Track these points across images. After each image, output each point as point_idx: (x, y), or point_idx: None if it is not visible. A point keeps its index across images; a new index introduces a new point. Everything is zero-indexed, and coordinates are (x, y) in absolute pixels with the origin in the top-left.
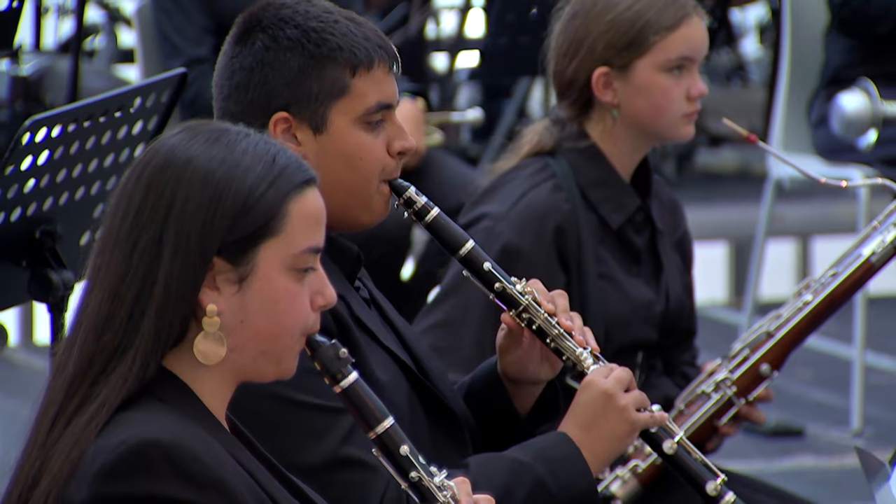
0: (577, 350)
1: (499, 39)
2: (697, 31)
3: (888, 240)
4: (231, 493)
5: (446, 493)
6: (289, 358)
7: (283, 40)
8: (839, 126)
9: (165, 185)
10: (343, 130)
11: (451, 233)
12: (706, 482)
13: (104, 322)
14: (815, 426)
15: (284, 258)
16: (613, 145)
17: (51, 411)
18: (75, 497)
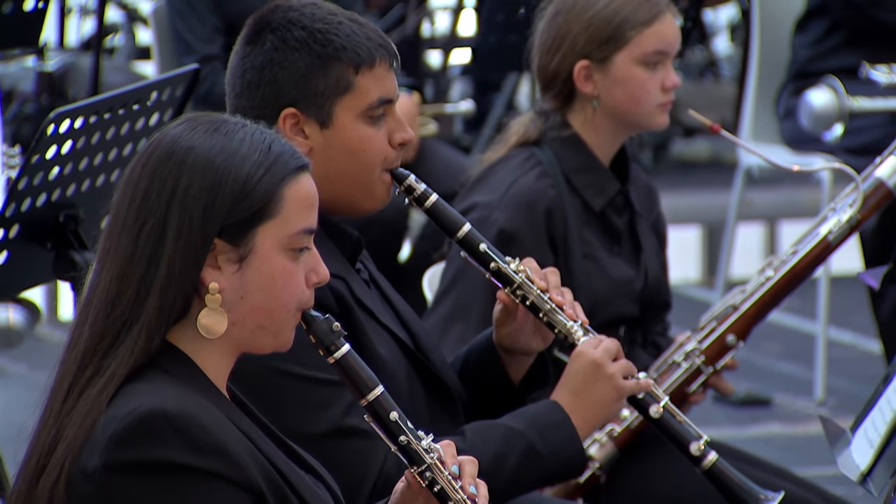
0: (567, 323)
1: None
2: (671, 26)
3: (843, 220)
4: (232, 457)
5: (433, 455)
6: (285, 331)
7: (291, 41)
8: (807, 120)
9: (169, 173)
10: (347, 124)
11: (448, 217)
12: (690, 443)
13: (113, 300)
14: (782, 396)
15: (280, 239)
16: (594, 134)
17: (65, 383)
18: (89, 463)
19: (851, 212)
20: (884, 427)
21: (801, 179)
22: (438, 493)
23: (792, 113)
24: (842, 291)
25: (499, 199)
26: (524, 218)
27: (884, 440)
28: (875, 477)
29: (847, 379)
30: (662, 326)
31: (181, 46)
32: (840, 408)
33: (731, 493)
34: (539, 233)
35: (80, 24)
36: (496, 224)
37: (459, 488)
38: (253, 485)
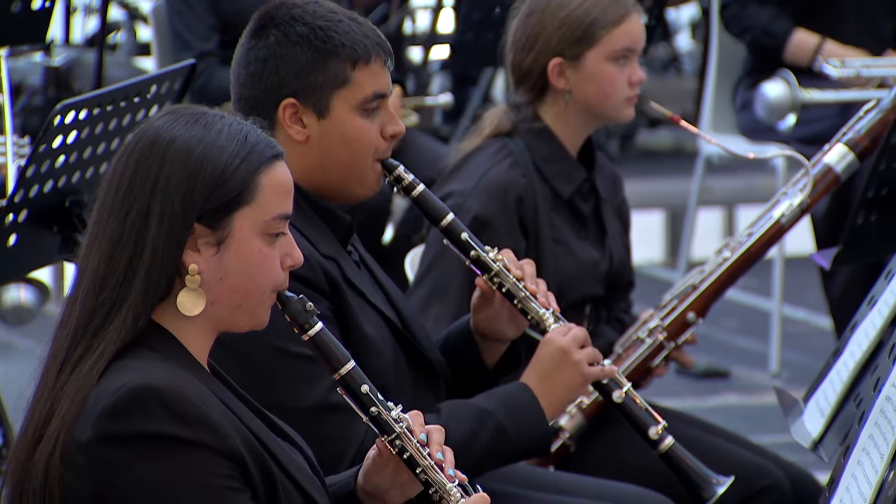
0: (540, 311)
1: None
2: (637, 26)
3: (795, 204)
4: (215, 427)
5: (402, 425)
6: (261, 311)
7: (294, 36)
8: (762, 111)
9: (152, 162)
10: (343, 116)
11: (434, 206)
12: (649, 427)
13: (102, 281)
14: (739, 369)
15: (256, 224)
16: (564, 126)
17: (58, 359)
18: (81, 436)
19: (802, 196)
20: (834, 397)
21: (757, 167)
22: (408, 460)
23: (748, 105)
24: (795, 271)
25: (473, 187)
26: (497, 205)
27: (834, 410)
28: (826, 444)
29: (800, 353)
30: (626, 304)
31: (179, 43)
32: (793, 380)
33: (685, 476)
34: (511, 218)
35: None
36: (471, 211)
37: (427, 455)
38: (235, 453)
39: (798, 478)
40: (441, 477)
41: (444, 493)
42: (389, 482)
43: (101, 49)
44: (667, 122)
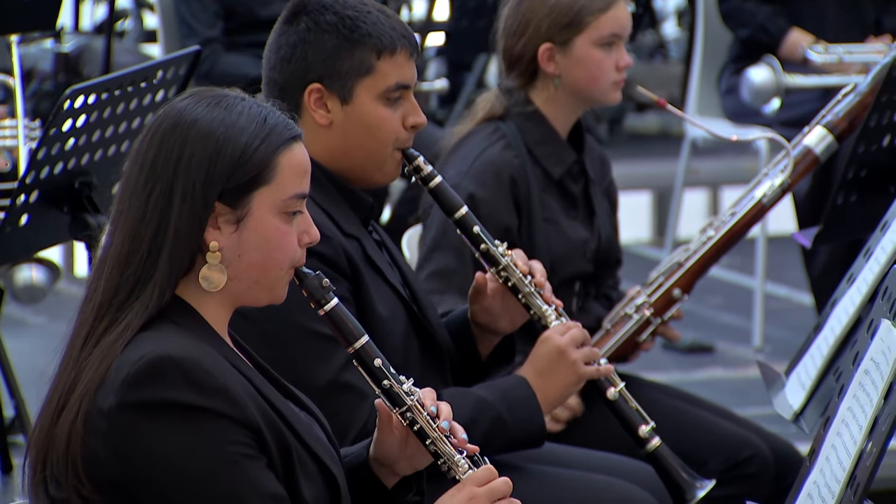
0: (543, 307)
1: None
2: (624, 12)
3: (776, 184)
4: (233, 397)
5: (413, 398)
6: (279, 286)
7: (323, 24)
8: (748, 95)
9: (175, 143)
10: (366, 104)
11: (449, 198)
12: (639, 426)
13: (126, 258)
14: (724, 344)
15: (275, 202)
16: (554, 109)
17: (83, 332)
18: (104, 403)
19: (783, 177)
20: (815, 371)
21: (740, 149)
22: (418, 432)
23: (733, 90)
24: (777, 250)
25: (468, 169)
26: (491, 184)
27: (815, 383)
28: (807, 416)
29: (782, 328)
30: (614, 281)
31: (185, 30)
32: (775, 354)
33: (669, 477)
34: (505, 198)
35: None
36: (467, 190)
37: (437, 427)
38: (251, 422)
39: (780, 448)
40: (449, 448)
41: (453, 465)
42: (398, 452)
43: (110, 36)
44: (654, 106)
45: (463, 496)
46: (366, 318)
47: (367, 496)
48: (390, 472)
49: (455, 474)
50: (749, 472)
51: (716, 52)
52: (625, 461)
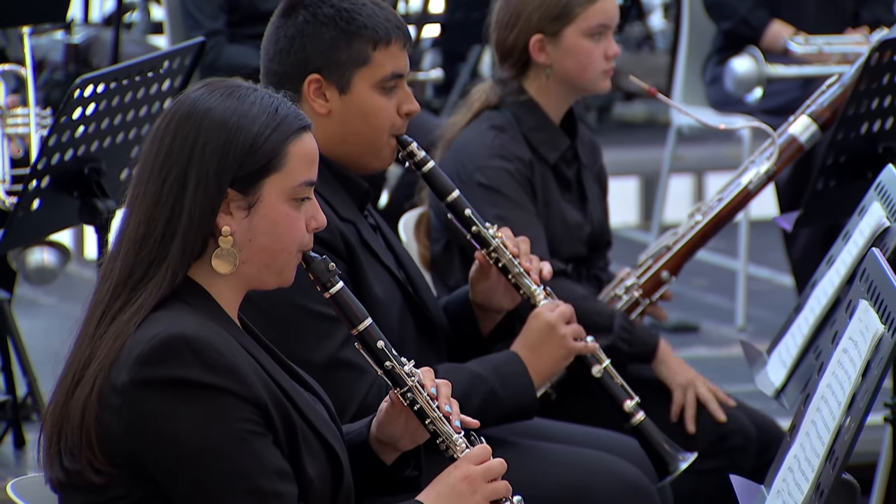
0: (531, 287)
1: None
2: (611, 3)
3: (762, 171)
4: (241, 376)
5: (414, 379)
6: (288, 270)
7: (321, 16)
8: (731, 84)
9: (189, 131)
10: (363, 93)
11: (442, 182)
12: (624, 401)
13: (141, 240)
14: (708, 323)
15: (284, 189)
16: (547, 98)
17: (98, 311)
18: (117, 379)
19: (769, 164)
20: (795, 350)
21: (724, 137)
22: (418, 411)
23: (717, 79)
24: (759, 233)
25: (487, 156)
26: (512, 168)
27: (795, 361)
28: (787, 393)
29: (764, 309)
30: (604, 262)
31: (190, 22)
32: (758, 333)
33: (652, 450)
34: (522, 182)
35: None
36: (482, 179)
37: (436, 407)
38: (259, 400)
39: (762, 424)
40: (448, 428)
41: (450, 443)
42: (402, 431)
43: (118, 27)
44: (641, 95)
45: (459, 474)
46: (363, 298)
47: (367, 472)
48: (391, 449)
49: (453, 453)
50: (732, 447)
51: (700, 43)
52: (612, 436)
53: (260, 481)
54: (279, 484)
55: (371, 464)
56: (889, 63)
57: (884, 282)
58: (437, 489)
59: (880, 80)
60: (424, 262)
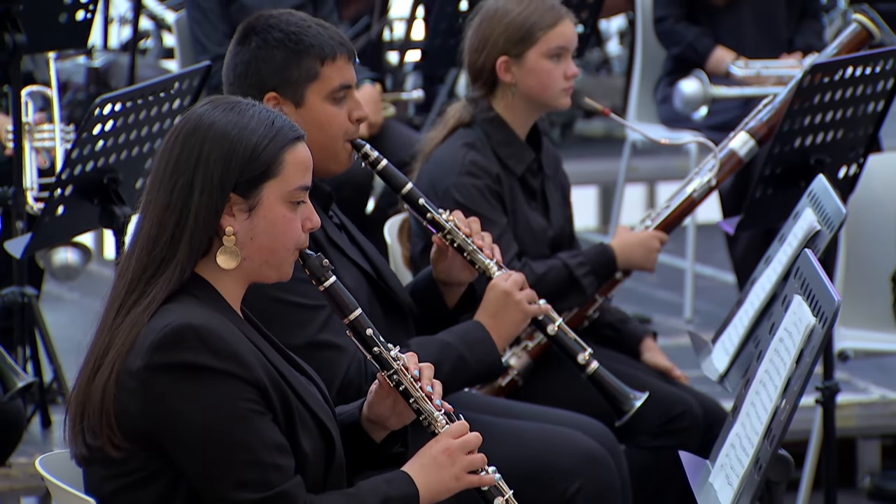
0: (486, 261)
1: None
2: (569, 28)
3: (705, 181)
4: (244, 361)
5: (399, 362)
6: (286, 266)
7: (271, 41)
8: (680, 104)
9: (195, 142)
10: (316, 105)
11: (396, 177)
12: (578, 354)
13: (153, 241)
14: (659, 316)
15: (282, 193)
16: (513, 114)
17: (115, 304)
18: (133, 364)
19: (711, 175)
20: (737, 339)
21: (673, 150)
22: (403, 392)
23: (667, 99)
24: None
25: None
26: (481, 182)
27: (737, 349)
28: (730, 378)
29: (709, 303)
30: None
31: (198, 48)
32: (704, 325)
33: (608, 394)
34: (492, 191)
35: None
36: (457, 192)
37: (419, 387)
38: (259, 382)
39: (708, 405)
40: (430, 406)
41: (432, 420)
42: (389, 411)
43: (134, 53)
44: (600, 114)
45: (440, 446)
46: None
47: (358, 449)
48: (380, 428)
49: (434, 428)
50: (681, 426)
51: (652, 67)
52: (575, 416)
53: (261, 455)
54: (278, 457)
55: (362, 441)
56: (819, 84)
57: (815, 279)
58: (420, 461)
59: (812, 100)
60: (406, 262)
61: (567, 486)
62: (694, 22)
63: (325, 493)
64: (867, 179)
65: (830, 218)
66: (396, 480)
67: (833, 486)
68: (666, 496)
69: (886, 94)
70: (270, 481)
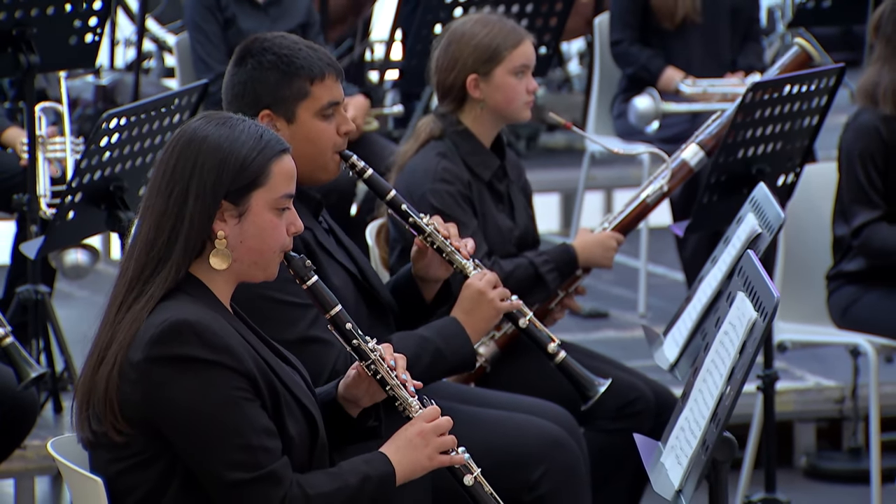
0: (462, 261)
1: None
2: (530, 48)
3: (657, 188)
4: (234, 352)
5: (376, 353)
6: (272, 266)
7: (265, 63)
8: (634, 118)
9: (190, 154)
10: (307, 121)
11: (380, 185)
12: (548, 344)
13: (151, 243)
14: (615, 311)
15: (269, 201)
16: (480, 127)
17: (117, 301)
18: (133, 357)
19: (663, 182)
20: (686, 332)
21: (629, 160)
22: (380, 380)
23: (622, 114)
24: (657, 238)
25: (433, 181)
26: (454, 189)
27: (686, 341)
28: (680, 367)
29: (661, 299)
30: None
31: (201, 66)
32: (656, 319)
33: (575, 381)
34: (464, 196)
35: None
36: (433, 198)
37: (395, 376)
38: (249, 372)
39: (660, 392)
40: (404, 393)
41: (406, 405)
42: (363, 393)
43: (137, 72)
44: (562, 127)
45: (414, 430)
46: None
47: (336, 424)
48: (354, 405)
49: (409, 413)
50: (636, 411)
51: (609, 85)
52: (540, 402)
53: (250, 438)
54: (266, 440)
55: (339, 417)
56: (761, 101)
57: (757, 278)
58: (396, 443)
59: (754, 115)
60: (384, 263)
61: (533, 471)
62: (646, 44)
63: (310, 472)
64: (803, 187)
65: (770, 222)
66: (375, 461)
67: (772, 465)
68: (622, 475)
69: (821, 109)
70: (260, 462)
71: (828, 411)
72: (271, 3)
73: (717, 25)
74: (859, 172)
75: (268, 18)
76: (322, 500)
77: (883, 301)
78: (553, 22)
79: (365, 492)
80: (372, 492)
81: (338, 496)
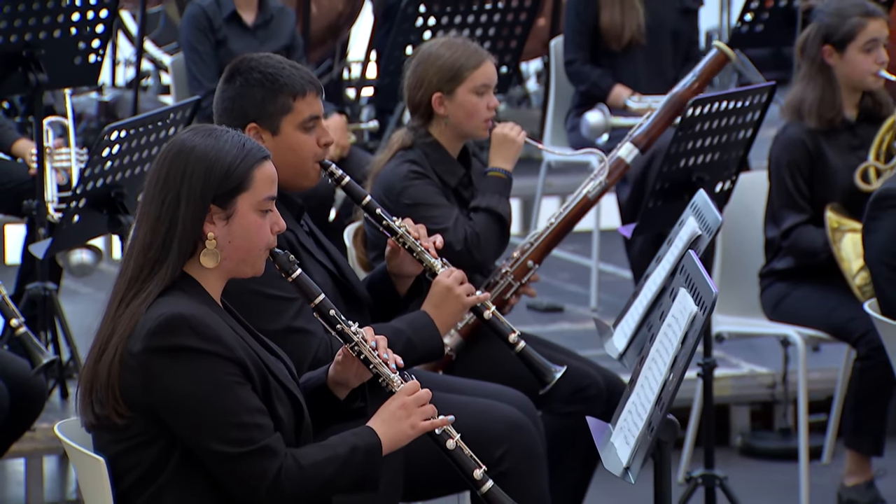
0: (431, 260)
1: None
2: (491, 68)
3: (597, 183)
4: (226, 342)
5: (358, 335)
6: (259, 263)
7: (252, 80)
8: (586, 131)
9: (179, 163)
10: (290, 133)
11: (356, 191)
12: (509, 335)
13: (148, 245)
14: (570, 305)
15: (253, 203)
16: (447, 139)
17: (117, 297)
18: (133, 348)
19: (602, 178)
20: (634, 325)
21: (582, 168)
22: (364, 360)
23: (576, 127)
24: (607, 239)
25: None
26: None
27: (633, 333)
28: (628, 356)
29: (611, 295)
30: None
31: (194, 83)
32: (606, 313)
33: (534, 368)
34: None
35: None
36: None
37: (377, 355)
38: (240, 360)
39: (610, 378)
40: (386, 370)
41: (389, 382)
42: (351, 375)
43: (137, 89)
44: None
45: (397, 403)
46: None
47: (326, 407)
48: (343, 387)
49: (391, 388)
50: (588, 396)
51: (564, 101)
52: (501, 388)
53: (243, 416)
54: (259, 418)
55: (328, 400)
56: (700, 115)
57: (697, 275)
58: (381, 416)
59: (694, 128)
60: (362, 264)
61: (495, 450)
62: (597, 64)
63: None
64: (739, 193)
65: (709, 225)
66: (362, 433)
67: (711, 444)
68: (575, 454)
69: (754, 123)
70: (254, 437)
71: (761, 395)
72: (259, 26)
73: (660, 47)
74: (787, 181)
75: (256, 40)
76: (315, 469)
77: (810, 296)
78: (513, 44)
79: (354, 460)
80: (360, 460)
81: (329, 465)
